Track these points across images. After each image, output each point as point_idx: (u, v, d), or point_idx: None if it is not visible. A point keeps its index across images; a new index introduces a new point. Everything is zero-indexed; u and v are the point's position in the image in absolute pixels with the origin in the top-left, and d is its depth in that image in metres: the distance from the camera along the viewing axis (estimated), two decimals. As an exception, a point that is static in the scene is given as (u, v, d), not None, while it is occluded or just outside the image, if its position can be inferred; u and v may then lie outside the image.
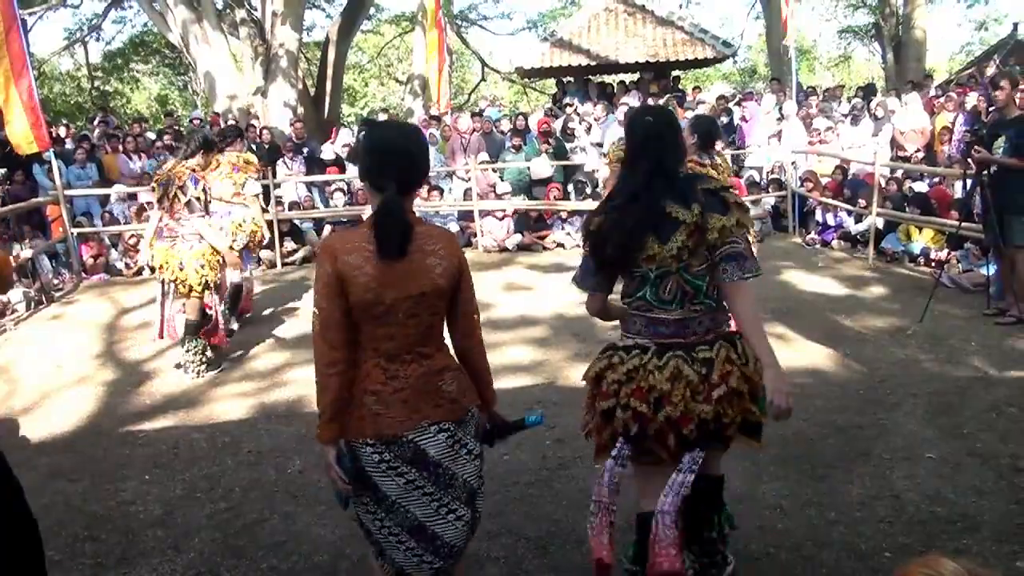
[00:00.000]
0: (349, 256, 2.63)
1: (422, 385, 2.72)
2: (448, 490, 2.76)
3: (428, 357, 2.75)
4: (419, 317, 2.69)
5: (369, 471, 2.72)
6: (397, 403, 2.69)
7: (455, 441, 2.78)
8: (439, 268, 2.70)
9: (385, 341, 2.69)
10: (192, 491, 4.91)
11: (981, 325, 7.34)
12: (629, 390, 3.04)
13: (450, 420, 2.77)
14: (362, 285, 2.61)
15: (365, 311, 2.64)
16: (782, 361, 6.01)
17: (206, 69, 18.74)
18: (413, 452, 2.71)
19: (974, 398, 5.67)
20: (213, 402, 6.50)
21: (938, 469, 4.63)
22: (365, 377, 2.71)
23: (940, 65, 36.84)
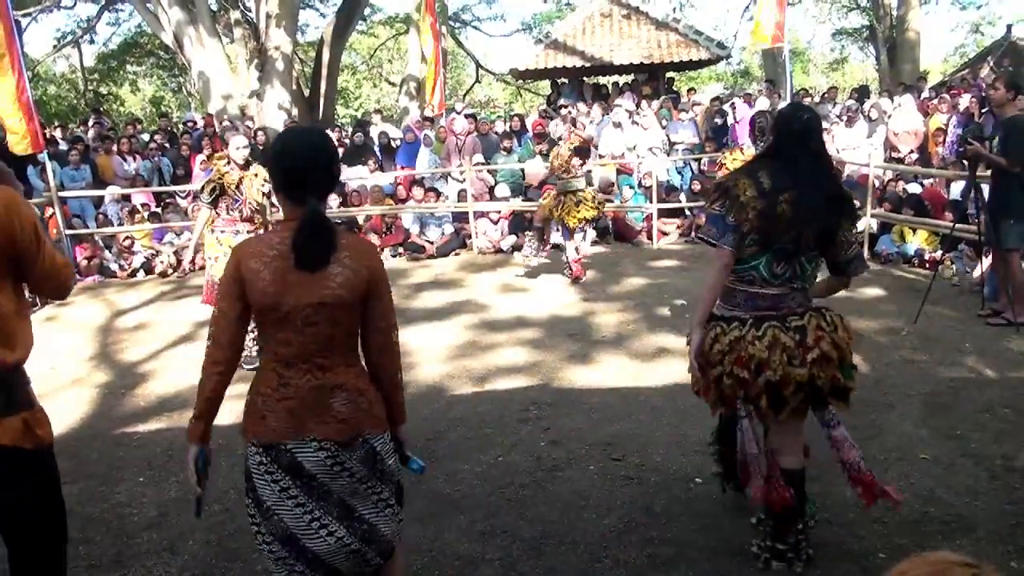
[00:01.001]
0: (251, 260, 2.63)
1: (311, 398, 2.66)
2: (320, 503, 2.69)
3: (326, 370, 2.68)
4: (317, 327, 2.63)
5: (252, 472, 2.72)
6: (282, 411, 2.66)
7: (335, 462, 2.70)
8: (340, 278, 2.63)
9: (282, 346, 2.66)
10: (187, 493, 4.89)
11: (975, 326, 7.36)
12: (732, 359, 3.48)
13: (333, 440, 2.68)
14: (259, 290, 2.60)
15: (264, 315, 2.64)
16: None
17: (200, 70, 18.73)
18: (290, 462, 2.67)
19: (968, 399, 5.69)
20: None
21: (932, 470, 4.64)
22: (260, 379, 2.72)
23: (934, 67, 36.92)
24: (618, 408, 5.82)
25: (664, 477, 4.69)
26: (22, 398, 2.87)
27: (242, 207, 7.11)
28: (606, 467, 4.88)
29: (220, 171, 7.09)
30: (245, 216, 7.14)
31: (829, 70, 39.79)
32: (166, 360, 7.61)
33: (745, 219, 3.40)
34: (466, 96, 34.13)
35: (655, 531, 4.13)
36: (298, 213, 2.63)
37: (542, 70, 19.72)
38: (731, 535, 4.04)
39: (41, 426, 2.91)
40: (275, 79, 18.73)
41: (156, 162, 14.34)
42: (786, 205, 3.37)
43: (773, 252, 3.45)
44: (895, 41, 23.50)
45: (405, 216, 12.84)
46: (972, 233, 8.36)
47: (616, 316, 8.28)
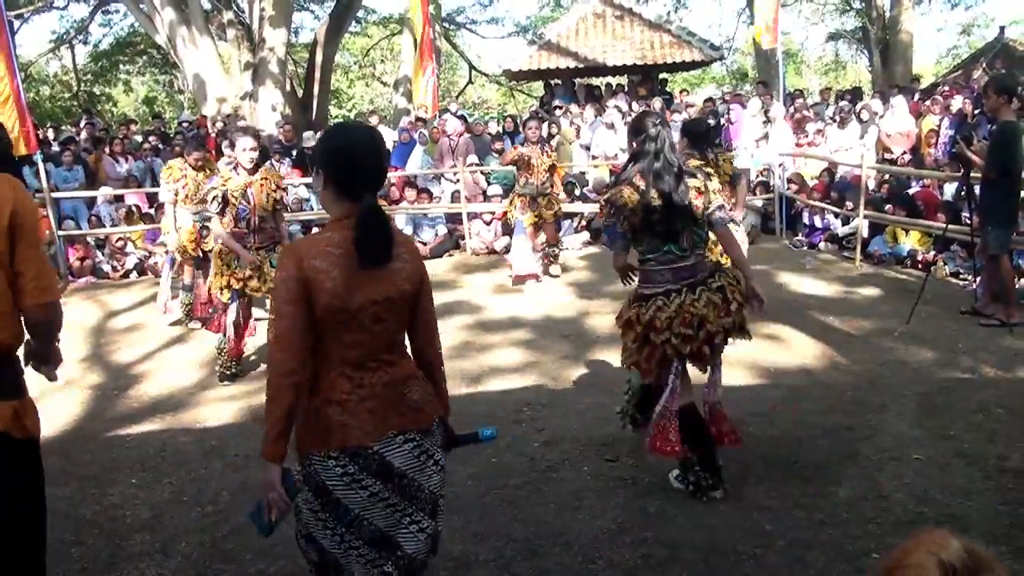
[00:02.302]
0: (316, 260, 2.53)
1: (388, 393, 2.65)
2: (412, 501, 2.69)
3: (392, 364, 2.69)
4: (385, 323, 2.64)
5: (331, 485, 2.60)
6: (363, 412, 2.60)
7: (421, 451, 2.70)
8: (404, 272, 2.67)
9: (351, 348, 2.61)
10: (179, 495, 4.89)
11: (968, 327, 7.37)
12: (679, 321, 4.16)
13: (415, 429, 2.69)
14: (329, 290, 2.52)
15: (331, 317, 2.55)
16: (771, 361, 6.03)
17: (193, 71, 18.72)
18: (379, 464, 2.62)
19: (961, 399, 5.70)
20: (200, 405, 6.48)
21: (926, 470, 4.65)
22: (329, 387, 2.61)
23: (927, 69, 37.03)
24: (613, 409, 5.79)
25: (658, 478, 4.68)
26: (13, 386, 2.86)
27: (250, 216, 6.63)
28: (600, 468, 4.88)
29: (225, 177, 6.62)
30: (254, 227, 6.67)
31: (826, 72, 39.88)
32: (159, 361, 7.60)
33: (636, 221, 4.21)
34: (459, 97, 34.09)
35: (649, 532, 4.13)
36: (354, 210, 2.58)
37: (535, 71, 19.77)
38: (726, 535, 4.04)
39: (29, 416, 2.89)
40: (268, 80, 18.71)
41: (149, 163, 14.31)
42: (657, 197, 4.17)
43: (671, 234, 4.21)
44: (888, 43, 23.54)
45: (398, 217, 12.82)
46: (965, 234, 8.39)
47: (610, 317, 8.21)
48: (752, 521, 4.18)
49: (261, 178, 6.66)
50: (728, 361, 6.70)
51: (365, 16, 32.46)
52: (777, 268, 10.22)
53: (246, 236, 6.66)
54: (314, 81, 21.51)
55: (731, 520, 4.19)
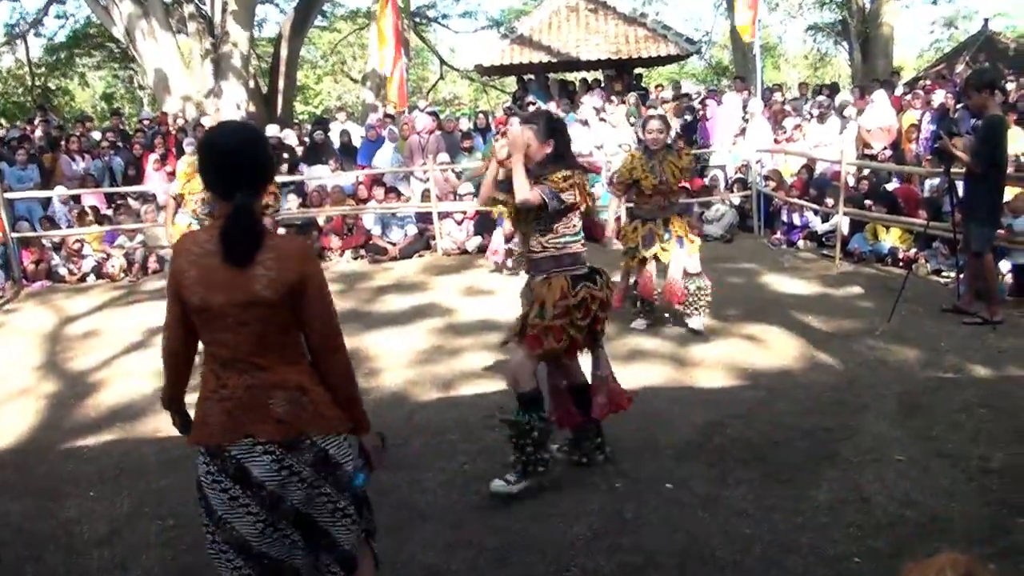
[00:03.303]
0: (179, 258, 2.69)
1: (248, 398, 2.67)
2: (273, 512, 2.71)
3: (262, 369, 2.68)
4: (249, 326, 2.64)
5: (200, 480, 2.74)
6: (219, 412, 2.68)
7: (282, 466, 2.68)
8: (264, 279, 2.62)
9: (218, 347, 2.69)
10: (140, 507, 4.85)
11: (950, 325, 7.44)
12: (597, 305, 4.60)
13: (276, 441, 2.67)
14: (187, 288, 2.65)
15: (196, 315, 2.69)
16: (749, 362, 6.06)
17: (153, 66, 18.59)
18: (236, 468, 2.67)
19: (943, 399, 5.75)
20: (162, 414, 6.38)
21: (907, 471, 4.69)
22: (203, 382, 2.76)
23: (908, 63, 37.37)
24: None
25: (634, 482, 4.70)
26: None
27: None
28: (574, 473, 4.88)
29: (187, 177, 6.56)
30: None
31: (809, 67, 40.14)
32: (118, 369, 7.52)
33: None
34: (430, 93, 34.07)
35: (625, 538, 4.14)
36: (226, 209, 2.66)
37: (508, 66, 19.76)
38: (703, 540, 4.06)
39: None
40: (231, 75, 18.61)
41: (107, 162, 14.19)
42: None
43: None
44: (868, 36, 23.74)
45: (367, 217, 12.79)
46: (946, 231, 8.47)
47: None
48: (730, 525, 4.20)
49: None
50: (705, 362, 6.77)
51: (332, 10, 32.39)
52: (755, 267, 10.28)
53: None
54: (279, 76, 21.42)
55: (708, 525, 4.21)
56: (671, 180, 7.19)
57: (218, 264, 2.61)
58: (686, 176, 7.26)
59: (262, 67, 27.06)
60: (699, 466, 4.88)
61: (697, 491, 4.57)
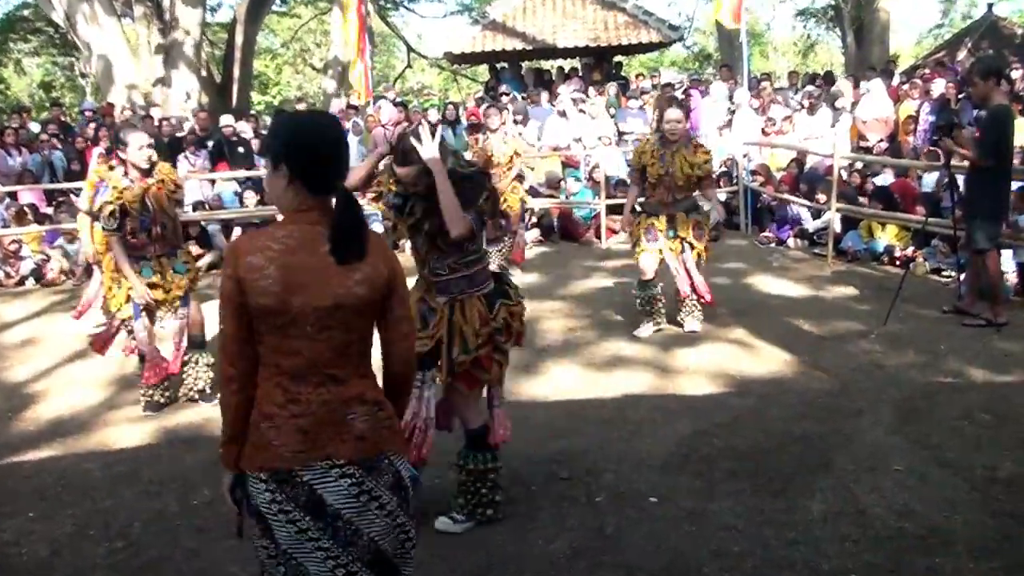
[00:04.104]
0: (252, 256, 2.50)
1: (326, 414, 2.55)
2: (348, 548, 2.56)
3: (339, 382, 2.57)
4: (332, 332, 2.53)
5: (263, 510, 2.56)
6: (292, 431, 2.53)
7: (361, 491, 2.56)
8: (358, 275, 2.55)
9: (289, 357, 2.54)
10: (84, 528, 4.79)
11: (950, 327, 7.50)
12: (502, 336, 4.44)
13: (356, 463, 2.56)
14: (262, 289, 2.48)
15: (266, 320, 2.52)
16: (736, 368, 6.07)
17: (97, 53, 18.42)
18: (308, 497, 2.53)
19: (943, 404, 5.79)
20: (107, 427, 6.37)
21: (906, 481, 4.72)
22: (263, 398, 2.57)
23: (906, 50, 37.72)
24: (565, 423, 5.83)
25: (615, 496, 4.71)
26: None
27: (151, 226, 6.33)
28: (553, 487, 4.89)
29: (118, 187, 6.23)
30: (156, 236, 6.38)
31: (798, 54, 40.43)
32: (58, 379, 7.45)
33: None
34: (396, 82, 34.03)
35: (606, 555, 4.14)
36: (316, 203, 2.57)
37: (479, 54, 19.77)
38: (688, 556, 4.07)
39: None
40: (182, 63, 18.50)
41: (47, 156, 14.04)
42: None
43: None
44: (863, 22, 23.89)
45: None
46: (946, 227, 8.54)
47: (562, 322, 8.31)
48: (718, 540, 4.21)
49: (157, 181, 6.41)
50: (690, 368, 6.80)
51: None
52: (743, 267, 10.33)
53: (147, 247, 6.40)
54: (234, 64, 21.32)
55: (695, 540, 4.22)
56: (678, 174, 7.22)
57: (302, 261, 2.50)
58: (697, 173, 7.24)
59: (216, 54, 26.93)
60: (685, 478, 4.89)
61: (683, 504, 4.58)
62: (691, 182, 7.34)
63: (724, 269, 10.12)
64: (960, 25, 30.90)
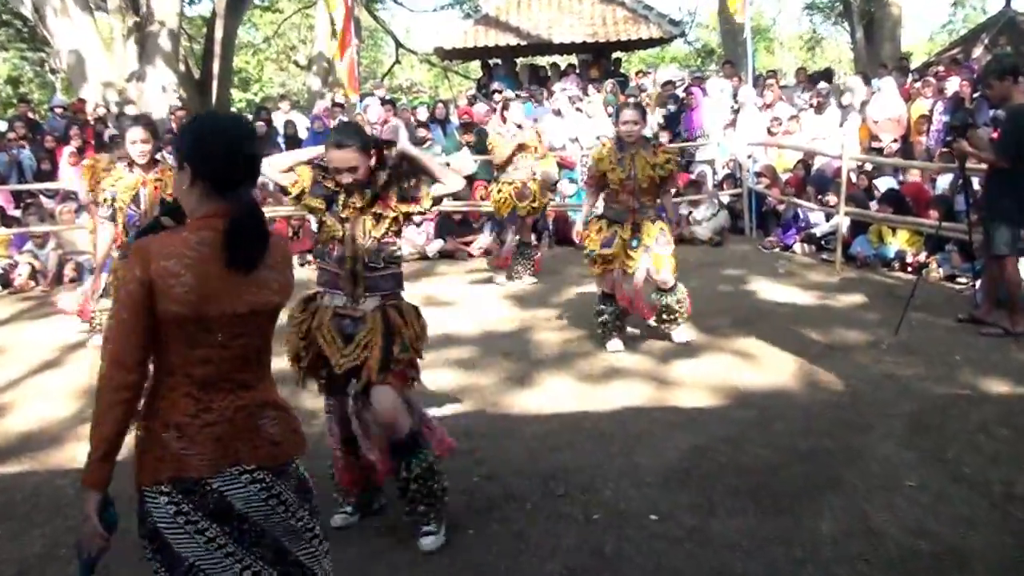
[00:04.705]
0: (167, 261, 2.51)
1: (240, 421, 2.61)
2: (253, 549, 2.64)
3: (249, 388, 2.65)
4: (245, 339, 2.62)
5: (162, 527, 2.57)
6: (206, 440, 2.56)
7: (270, 495, 2.65)
8: (276, 283, 2.65)
9: (200, 365, 2.57)
10: (55, 547, 4.77)
11: (966, 336, 7.51)
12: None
13: (267, 467, 2.65)
14: (177, 297, 2.49)
15: (178, 328, 2.54)
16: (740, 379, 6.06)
17: (67, 47, 18.36)
18: (216, 503, 2.58)
19: (959, 417, 5.79)
20: (80, 441, 6.33)
21: (920, 498, 4.72)
22: (170, 408, 2.57)
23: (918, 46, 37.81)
24: (561, 436, 5.82)
25: (614, 514, 4.70)
26: None
27: (140, 223, 6.37)
28: (548, 504, 4.87)
29: (114, 176, 6.43)
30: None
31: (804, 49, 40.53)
32: (27, 390, 7.41)
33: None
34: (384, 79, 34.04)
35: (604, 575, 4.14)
36: (221, 207, 2.58)
37: (471, 49, 19.77)
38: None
39: None
40: (158, 58, 18.47)
41: (14, 155, 14.00)
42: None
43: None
44: (873, 16, 23.93)
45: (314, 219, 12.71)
46: (961, 232, 8.55)
47: (558, 332, 8.31)
48: (721, 561, 4.20)
49: (155, 178, 6.49)
50: (691, 380, 6.79)
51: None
52: (747, 273, 10.34)
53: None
54: (213, 60, 21.29)
55: (697, 561, 4.22)
56: (639, 177, 7.20)
57: (218, 270, 2.53)
58: (660, 174, 7.23)
59: (194, 49, 26.89)
60: (686, 495, 4.88)
61: (684, 523, 4.58)
62: (655, 185, 7.30)
63: (727, 276, 10.13)
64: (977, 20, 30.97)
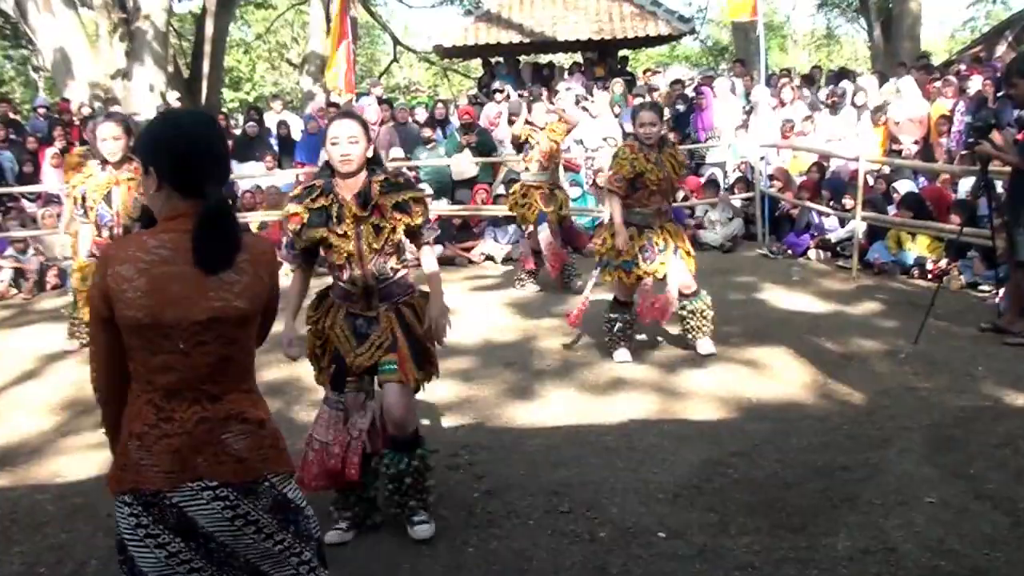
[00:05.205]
0: (120, 266, 2.53)
1: (200, 433, 2.57)
2: (223, 568, 2.62)
3: (215, 399, 2.61)
4: (208, 347, 2.57)
5: (126, 538, 2.59)
6: (163, 451, 2.55)
7: (236, 515, 2.60)
8: (238, 286, 2.59)
9: (162, 373, 2.57)
10: (34, 566, 4.77)
11: (988, 347, 7.49)
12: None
13: (231, 485, 2.59)
14: (130, 302, 2.51)
15: (136, 334, 2.56)
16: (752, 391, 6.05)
17: (51, 45, 18.41)
18: (177, 519, 2.56)
19: (981, 431, 5.77)
20: (61, 455, 6.34)
21: (941, 515, 4.70)
22: (133, 417, 2.60)
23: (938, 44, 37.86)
24: (565, 451, 5.81)
25: (620, 532, 4.69)
26: None
27: (113, 225, 6.52)
28: (552, 521, 4.86)
29: (85, 173, 6.50)
30: (116, 238, 6.48)
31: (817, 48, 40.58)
32: (7, 402, 7.42)
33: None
34: (381, 77, 34.09)
35: (611, 597, 4.13)
36: (188, 208, 2.57)
37: (472, 47, 19.82)
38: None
39: None
40: (146, 55, 18.52)
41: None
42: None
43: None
44: (891, 13, 23.93)
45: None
46: (983, 237, 8.53)
47: (562, 341, 8.30)
48: (734, 581, 4.20)
49: (129, 177, 6.51)
50: (701, 391, 6.79)
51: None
52: (759, 280, 10.33)
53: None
54: (203, 58, 21.35)
55: (709, 581, 4.21)
56: (672, 176, 7.21)
57: (176, 272, 2.53)
58: (682, 175, 7.25)
59: (184, 47, 26.96)
60: (696, 512, 4.87)
61: (694, 541, 4.56)
62: (673, 186, 7.40)
63: (739, 283, 10.13)
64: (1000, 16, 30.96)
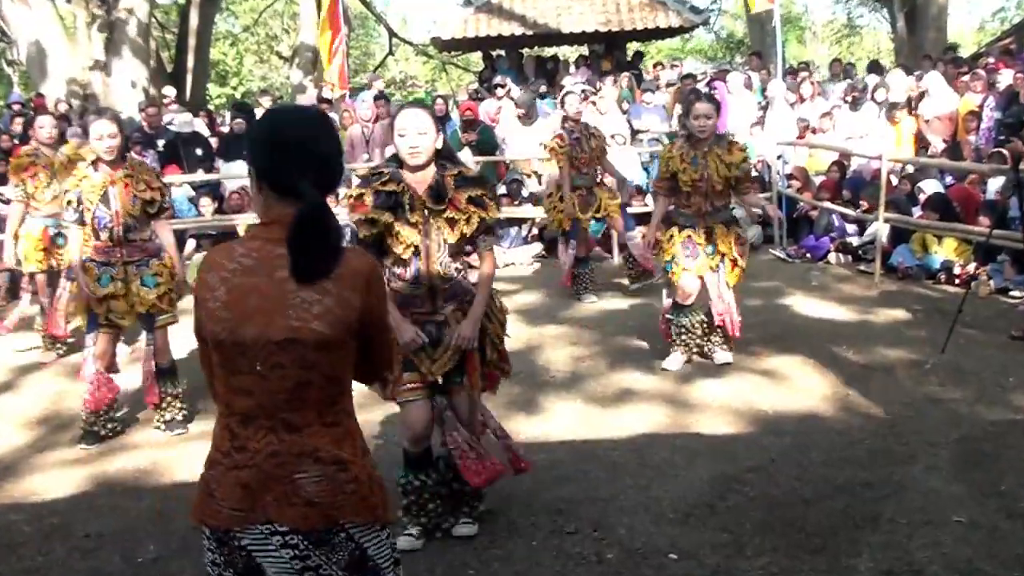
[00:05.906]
0: (208, 273, 2.47)
1: (271, 469, 2.43)
2: None
3: (293, 430, 2.45)
4: (284, 370, 2.42)
5: (208, 572, 2.54)
6: (233, 485, 2.44)
7: (306, 567, 2.46)
8: (318, 307, 2.41)
9: (239, 396, 2.47)
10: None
11: (1019, 355, 7.48)
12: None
13: (301, 532, 2.44)
14: (211, 313, 2.45)
15: (217, 350, 2.47)
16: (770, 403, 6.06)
17: (26, 38, 18.42)
18: (245, 564, 2.48)
19: (1013, 446, 5.76)
20: (35, 472, 6.33)
21: (969, 535, 4.69)
22: (214, 442, 2.54)
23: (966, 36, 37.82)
24: (571, 466, 5.81)
25: (629, 553, 4.68)
26: None
27: (113, 226, 6.43)
28: (556, 542, 4.86)
29: (79, 175, 6.43)
30: (118, 238, 6.46)
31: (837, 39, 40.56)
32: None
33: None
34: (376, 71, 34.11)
35: (619, 622, 4.12)
36: (281, 213, 2.45)
37: (472, 39, 19.80)
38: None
39: None
40: (126, 48, 18.51)
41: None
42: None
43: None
44: (916, 2, 23.89)
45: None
46: (1014, 241, 8.52)
47: (568, 350, 8.29)
48: (750, 605, 4.19)
49: (125, 175, 6.47)
50: (715, 403, 6.78)
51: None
52: (776, 285, 10.32)
53: (111, 250, 6.49)
54: (187, 51, 21.36)
55: (723, 605, 4.21)
56: (715, 178, 7.19)
57: (256, 284, 2.43)
58: (735, 174, 7.18)
59: (167, 39, 26.98)
60: (709, 532, 4.86)
61: (707, 562, 4.56)
62: (728, 186, 7.30)
63: (755, 288, 10.12)
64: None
